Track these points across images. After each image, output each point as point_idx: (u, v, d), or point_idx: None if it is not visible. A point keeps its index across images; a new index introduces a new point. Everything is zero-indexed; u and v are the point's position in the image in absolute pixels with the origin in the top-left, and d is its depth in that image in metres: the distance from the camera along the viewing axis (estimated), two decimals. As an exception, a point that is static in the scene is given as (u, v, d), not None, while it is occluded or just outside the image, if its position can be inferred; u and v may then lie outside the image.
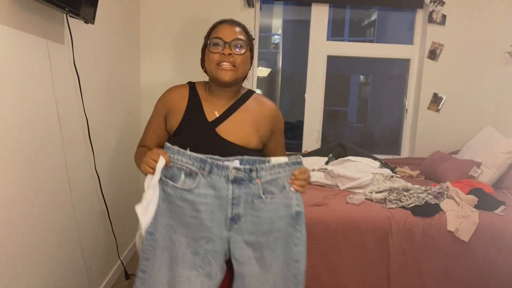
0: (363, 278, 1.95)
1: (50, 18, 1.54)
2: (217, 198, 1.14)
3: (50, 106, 1.58)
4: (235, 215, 1.15)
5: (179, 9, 2.90)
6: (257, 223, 1.16)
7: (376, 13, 3.61)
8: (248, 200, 1.15)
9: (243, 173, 1.14)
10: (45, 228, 1.56)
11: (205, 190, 1.13)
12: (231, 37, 1.25)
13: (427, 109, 3.10)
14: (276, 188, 1.17)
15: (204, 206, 1.13)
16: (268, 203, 1.16)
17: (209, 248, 1.16)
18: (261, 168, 1.15)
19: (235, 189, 1.14)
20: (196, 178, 1.13)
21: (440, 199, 2.06)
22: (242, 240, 1.16)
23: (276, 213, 1.16)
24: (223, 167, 1.13)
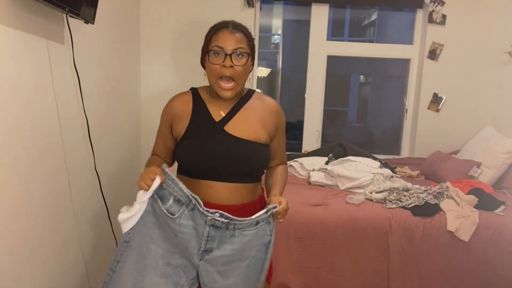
0: (363, 278, 1.95)
1: (50, 18, 1.54)
2: (195, 229, 1.18)
3: (50, 106, 1.58)
4: (208, 248, 1.20)
5: (179, 9, 2.90)
6: (229, 255, 1.21)
7: (376, 13, 3.61)
8: (222, 240, 1.20)
9: (221, 224, 1.18)
10: (45, 228, 1.56)
11: (185, 221, 1.18)
12: (232, 47, 1.22)
13: (427, 109, 3.10)
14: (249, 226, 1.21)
15: (181, 235, 1.18)
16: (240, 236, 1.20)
17: (182, 263, 1.22)
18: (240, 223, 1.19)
19: (211, 231, 1.18)
20: (181, 209, 1.17)
21: (440, 199, 2.06)
22: (214, 271, 1.22)
23: (249, 243, 1.21)
24: (203, 213, 1.18)
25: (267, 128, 1.32)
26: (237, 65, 1.22)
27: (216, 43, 1.22)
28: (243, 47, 1.23)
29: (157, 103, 3.03)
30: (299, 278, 1.95)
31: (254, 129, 1.28)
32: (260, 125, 1.30)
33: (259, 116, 1.31)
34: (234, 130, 1.27)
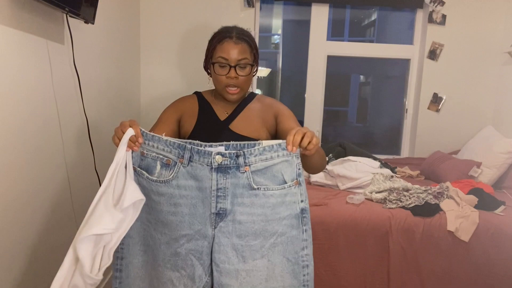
0: (363, 278, 1.95)
1: (50, 18, 1.54)
2: (200, 190, 1.01)
3: (50, 106, 1.58)
4: (220, 210, 1.01)
5: (179, 9, 2.90)
6: (248, 222, 1.01)
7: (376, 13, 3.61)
8: (236, 193, 1.01)
9: (229, 159, 0.99)
10: (45, 228, 1.56)
11: (184, 181, 1.01)
12: (236, 58, 1.24)
13: (427, 109, 3.10)
14: (271, 180, 1.01)
15: (184, 200, 1.01)
16: (262, 196, 1.00)
17: (191, 248, 1.03)
18: (250, 152, 0.99)
19: (219, 179, 1.00)
20: (175, 167, 1.00)
21: (440, 199, 2.06)
22: (229, 244, 1.02)
23: (274, 212, 1.01)
24: (205, 153, 0.99)
25: (267, 124, 1.35)
26: (241, 75, 1.26)
27: (221, 54, 1.25)
28: (247, 57, 1.26)
29: (157, 103, 3.04)
30: (299, 278, 1.95)
31: (256, 127, 1.33)
32: (261, 123, 1.34)
33: (259, 115, 1.35)
34: (238, 128, 1.32)
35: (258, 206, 1.01)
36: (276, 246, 1.03)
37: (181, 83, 2.94)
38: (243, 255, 1.02)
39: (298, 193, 1.04)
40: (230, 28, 1.30)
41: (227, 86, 1.27)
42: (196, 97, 1.42)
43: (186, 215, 1.02)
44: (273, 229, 1.02)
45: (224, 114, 1.35)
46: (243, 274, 1.02)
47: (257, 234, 1.02)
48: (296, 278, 1.05)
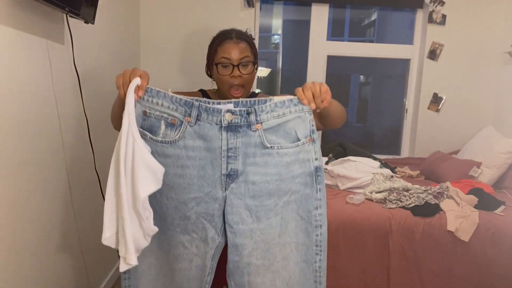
0: (363, 278, 1.95)
1: (50, 18, 1.54)
2: (208, 151, 0.96)
3: (50, 106, 1.58)
4: (231, 171, 0.97)
5: (179, 9, 2.90)
6: (262, 182, 0.97)
7: (376, 13, 3.61)
8: (248, 152, 0.96)
9: (239, 117, 0.95)
10: (45, 228, 1.56)
11: (192, 142, 0.96)
12: (238, 57, 1.25)
13: (427, 109, 3.10)
14: (284, 138, 0.98)
15: (191, 161, 0.97)
16: (275, 155, 0.97)
17: (201, 211, 1.00)
18: (261, 109, 0.95)
19: (230, 138, 0.96)
20: (181, 127, 0.95)
21: (440, 199, 2.06)
22: (241, 205, 0.99)
23: (288, 170, 0.98)
24: (214, 110, 0.94)
25: None
26: (244, 74, 1.27)
27: (223, 55, 1.26)
28: (248, 55, 1.28)
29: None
30: (299, 278, 1.95)
31: None
32: None
33: None
34: None
35: (272, 165, 0.97)
36: (289, 204, 1.01)
37: (181, 83, 2.94)
38: (257, 215, 1.00)
39: (312, 150, 1.00)
40: (229, 30, 1.32)
41: (231, 88, 1.28)
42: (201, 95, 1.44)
43: (194, 177, 0.98)
44: (286, 187, 0.99)
45: None
46: (257, 233, 1.01)
47: (271, 194, 0.99)
48: (309, 237, 1.04)
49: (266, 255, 1.02)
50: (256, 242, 1.01)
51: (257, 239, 1.01)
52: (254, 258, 1.01)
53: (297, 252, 1.04)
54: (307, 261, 1.06)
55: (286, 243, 1.03)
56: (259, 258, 1.01)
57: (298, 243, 1.04)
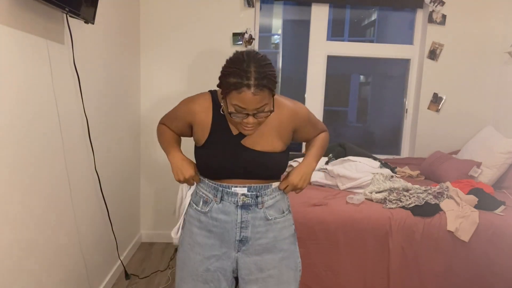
0: (363, 278, 1.95)
1: (50, 18, 1.54)
2: (227, 223, 1.29)
3: (50, 106, 1.58)
4: (243, 237, 1.29)
5: (179, 9, 2.90)
6: (263, 244, 1.30)
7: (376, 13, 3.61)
8: (255, 224, 1.29)
9: (250, 199, 1.28)
10: (45, 228, 1.56)
11: (216, 215, 1.29)
12: (255, 108, 1.13)
13: (427, 109, 3.10)
14: (277, 212, 1.33)
15: (216, 228, 1.30)
16: (273, 224, 1.31)
17: (218, 266, 1.31)
18: (265, 193, 1.30)
19: (243, 213, 1.28)
20: (210, 204, 1.31)
21: (440, 199, 2.06)
22: (250, 261, 1.31)
23: (280, 234, 1.32)
24: (233, 194, 1.29)
25: (282, 137, 1.32)
26: (260, 118, 1.18)
27: (238, 103, 1.13)
28: (267, 103, 1.16)
29: (157, 102, 3.03)
30: (299, 278, 1.95)
31: (270, 141, 1.29)
32: (275, 136, 1.30)
33: (274, 127, 1.30)
34: (251, 143, 1.28)
35: (271, 231, 1.31)
36: (283, 260, 1.33)
37: (181, 83, 2.94)
38: (261, 267, 1.31)
39: (290, 218, 1.38)
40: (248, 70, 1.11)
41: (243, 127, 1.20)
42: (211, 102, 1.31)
43: (217, 240, 1.30)
44: (280, 246, 1.33)
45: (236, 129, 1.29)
46: (260, 281, 1.32)
47: (270, 251, 1.32)
48: (296, 281, 1.37)
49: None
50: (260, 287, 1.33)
51: (261, 285, 1.32)
52: None
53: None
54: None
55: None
56: None
57: None
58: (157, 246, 3.04)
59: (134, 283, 2.42)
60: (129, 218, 2.78)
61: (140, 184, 3.00)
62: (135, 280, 2.46)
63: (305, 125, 1.38)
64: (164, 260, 2.78)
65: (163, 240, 3.10)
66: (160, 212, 3.09)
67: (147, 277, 2.50)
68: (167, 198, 3.03)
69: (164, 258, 2.83)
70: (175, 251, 2.86)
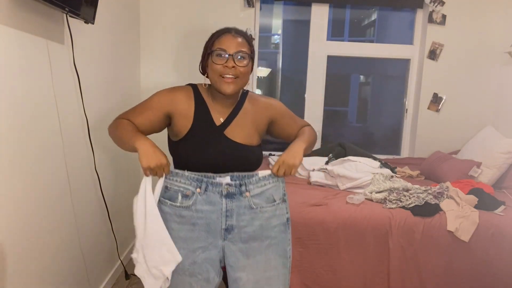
0: (363, 278, 1.95)
1: (50, 18, 1.54)
2: (213, 212, 1.27)
3: (50, 106, 1.58)
4: (228, 226, 1.28)
5: (179, 9, 2.90)
6: (249, 231, 1.29)
7: (376, 13, 3.61)
8: (240, 212, 1.28)
9: (234, 188, 1.27)
10: (45, 228, 1.56)
11: (201, 206, 1.27)
12: (234, 49, 1.27)
13: (427, 109, 3.10)
14: (265, 201, 1.31)
15: (200, 220, 1.27)
16: (259, 213, 1.30)
17: (206, 257, 1.29)
18: (249, 182, 1.29)
19: (228, 203, 1.27)
20: (193, 197, 1.27)
21: (440, 199, 2.06)
22: (236, 249, 1.30)
23: (268, 222, 1.31)
24: (217, 184, 1.27)
25: (259, 130, 1.41)
26: (239, 66, 1.28)
27: (219, 46, 1.29)
28: (245, 50, 1.30)
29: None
30: (299, 278, 1.95)
31: (249, 133, 1.37)
32: (253, 128, 1.39)
33: (252, 119, 1.39)
34: (233, 134, 1.34)
35: (256, 220, 1.30)
36: (270, 247, 1.33)
37: (181, 83, 2.93)
38: (247, 254, 1.31)
39: (284, 207, 1.37)
40: (229, 27, 1.34)
41: (224, 77, 1.27)
42: (192, 94, 1.39)
43: (202, 231, 1.28)
44: (267, 234, 1.32)
45: (218, 119, 1.35)
46: (248, 268, 1.31)
47: (256, 239, 1.31)
48: (285, 267, 1.37)
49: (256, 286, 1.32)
50: (248, 274, 1.31)
51: (248, 272, 1.31)
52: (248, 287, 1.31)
53: (278, 280, 1.35)
54: (284, 284, 1.38)
55: (270, 276, 1.33)
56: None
57: (279, 273, 1.35)
58: (157, 246, 3.04)
59: (134, 283, 2.42)
60: (129, 218, 2.77)
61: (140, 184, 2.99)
62: (135, 280, 2.46)
63: (282, 116, 1.45)
64: (164, 260, 2.78)
65: (163, 240, 3.09)
66: (160, 212, 3.09)
67: (147, 277, 2.50)
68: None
69: (164, 258, 2.82)
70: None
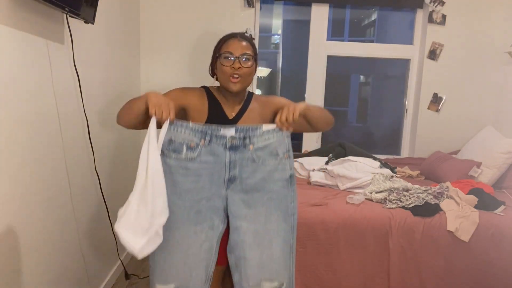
0: (363, 278, 1.95)
1: (50, 18, 1.54)
2: (216, 163, 1.34)
3: (50, 106, 1.58)
4: (231, 176, 1.35)
5: (179, 9, 2.90)
6: (251, 183, 1.35)
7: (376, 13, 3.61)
8: (243, 164, 1.35)
9: (238, 141, 1.33)
10: (45, 228, 1.56)
11: (205, 157, 1.33)
12: (240, 52, 1.47)
13: (427, 109, 3.10)
14: (268, 155, 1.36)
15: (205, 171, 1.33)
16: (261, 166, 1.35)
17: (210, 205, 1.36)
18: (253, 135, 1.34)
19: (231, 154, 1.34)
20: (197, 148, 1.32)
21: (440, 199, 2.06)
22: (238, 199, 1.37)
23: (270, 176, 1.36)
24: (221, 136, 1.32)
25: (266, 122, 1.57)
26: (244, 67, 1.47)
27: (226, 49, 1.48)
28: (249, 52, 1.49)
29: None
30: (299, 278, 1.95)
31: None
32: (261, 122, 1.57)
33: (259, 114, 1.59)
34: None
35: (259, 172, 1.35)
36: (272, 200, 1.38)
37: (181, 83, 2.94)
38: (248, 204, 1.37)
39: (288, 163, 1.39)
40: (234, 32, 1.54)
41: (231, 77, 1.45)
42: (205, 93, 1.56)
43: (206, 182, 1.34)
44: (269, 187, 1.37)
45: (230, 113, 1.55)
46: (248, 218, 1.37)
47: (258, 190, 1.36)
48: (286, 223, 1.40)
49: (256, 235, 1.36)
50: (249, 224, 1.36)
51: (249, 221, 1.36)
52: (247, 237, 1.36)
53: (278, 235, 1.38)
54: (285, 240, 1.40)
55: (270, 229, 1.37)
56: (251, 237, 1.36)
57: (280, 228, 1.39)
58: (157, 246, 3.04)
59: (134, 283, 2.42)
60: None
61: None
62: (135, 280, 2.46)
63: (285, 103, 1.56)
64: (164, 260, 2.78)
65: (163, 240, 3.09)
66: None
67: (147, 277, 2.50)
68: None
69: (164, 258, 2.82)
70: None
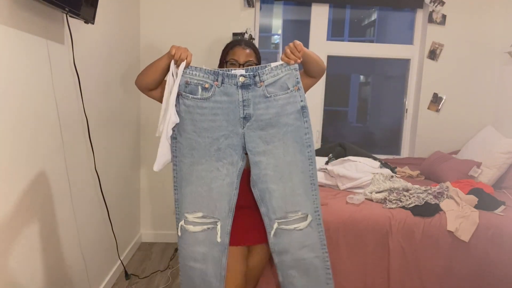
0: (363, 278, 1.95)
1: (50, 18, 1.54)
2: (231, 103, 1.42)
3: (50, 106, 1.58)
4: (246, 114, 1.43)
5: (179, 9, 2.90)
6: (266, 119, 1.43)
7: (376, 13, 3.61)
8: (256, 101, 1.43)
9: (249, 79, 1.42)
10: (45, 228, 1.56)
11: (220, 97, 1.42)
12: (244, 59, 1.59)
13: (427, 109, 3.10)
14: (279, 89, 1.44)
15: (220, 110, 1.42)
16: (273, 101, 1.43)
17: (228, 143, 1.45)
18: (263, 72, 1.43)
19: (244, 93, 1.42)
20: (211, 89, 1.42)
21: (440, 199, 2.06)
22: (255, 136, 1.45)
23: (283, 110, 1.43)
24: (232, 76, 1.41)
25: None
26: None
27: (232, 57, 1.61)
28: (253, 59, 1.61)
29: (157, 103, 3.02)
30: (299, 278, 1.94)
31: None
32: None
33: None
34: None
35: (272, 107, 1.43)
36: (287, 133, 1.45)
37: (181, 83, 2.94)
38: (266, 140, 1.45)
39: (298, 95, 1.46)
40: (239, 39, 1.68)
41: None
42: None
43: (223, 121, 1.43)
44: (284, 121, 1.44)
45: None
46: (267, 153, 1.45)
47: (273, 125, 1.44)
48: (303, 155, 1.48)
49: (276, 169, 1.45)
50: (268, 159, 1.45)
51: (268, 156, 1.45)
52: (269, 170, 1.45)
53: (296, 166, 1.47)
54: (304, 171, 1.48)
55: (289, 161, 1.46)
56: (272, 171, 1.45)
57: (297, 160, 1.46)
58: (157, 246, 3.04)
59: (134, 283, 2.42)
60: (129, 218, 2.78)
61: (140, 184, 3.00)
62: (135, 280, 2.46)
63: None
64: (164, 260, 2.78)
65: (163, 240, 3.10)
66: (160, 212, 3.09)
67: (147, 277, 2.50)
68: (167, 198, 3.03)
69: (164, 258, 2.83)
70: (175, 251, 2.86)
